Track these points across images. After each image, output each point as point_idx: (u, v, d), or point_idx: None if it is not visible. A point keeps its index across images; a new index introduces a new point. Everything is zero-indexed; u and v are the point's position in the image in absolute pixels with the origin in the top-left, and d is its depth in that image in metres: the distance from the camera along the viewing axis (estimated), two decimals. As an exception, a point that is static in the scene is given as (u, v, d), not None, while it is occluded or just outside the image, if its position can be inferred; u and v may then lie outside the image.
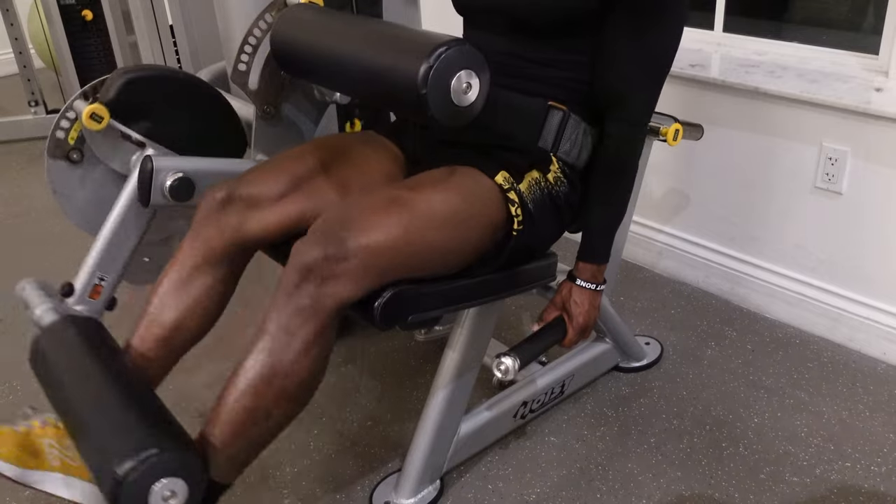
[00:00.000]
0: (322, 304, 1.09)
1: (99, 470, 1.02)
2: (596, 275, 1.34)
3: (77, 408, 1.11)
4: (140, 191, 1.41)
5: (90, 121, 1.39)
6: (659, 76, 1.30)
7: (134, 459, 0.98)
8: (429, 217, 1.16)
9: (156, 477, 0.99)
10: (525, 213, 1.25)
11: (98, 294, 1.46)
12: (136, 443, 1.01)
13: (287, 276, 1.10)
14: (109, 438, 1.04)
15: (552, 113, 1.28)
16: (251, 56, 1.42)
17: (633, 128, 1.30)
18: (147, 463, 0.98)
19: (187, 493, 1.02)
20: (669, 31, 1.27)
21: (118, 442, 1.02)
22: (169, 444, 1.02)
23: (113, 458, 0.99)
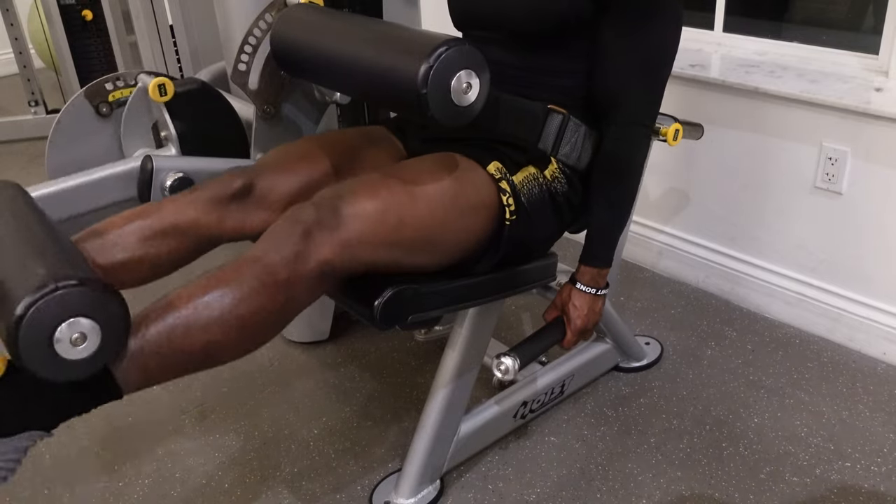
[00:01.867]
0: (304, 257, 1.07)
1: (4, 298, 0.87)
2: (596, 279, 1.34)
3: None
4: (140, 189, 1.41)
5: (155, 89, 1.42)
6: (655, 76, 1.29)
7: (40, 291, 0.84)
8: (418, 191, 1.16)
9: (64, 314, 0.85)
10: (518, 205, 1.24)
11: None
12: (46, 274, 0.86)
13: (276, 226, 1.09)
14: (14, 274, 0.89)
15: (552, 116, 1.28)
16: (251, 56, 1.42)
17: (630, 128, 1.29)
18: (54, 295, 0.84)
19: (100, 339, 0.88)
20: (663, 30, 1.27)
21: (24, 276, 0.87)
22: (86, 280, 0.87)
23: (15, 293, 0.85)
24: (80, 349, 0.87)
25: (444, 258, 1.23)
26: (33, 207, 1.11)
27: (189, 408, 1.72)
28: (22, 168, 3.17)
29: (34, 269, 0.88)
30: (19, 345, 0.84)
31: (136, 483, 1.53)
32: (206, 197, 1.25)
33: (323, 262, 1.08)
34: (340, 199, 1.12)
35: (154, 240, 1.20)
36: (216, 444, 1.63)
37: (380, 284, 1.18)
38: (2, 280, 0.90)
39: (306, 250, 1.07)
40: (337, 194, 1.13)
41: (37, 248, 0.94)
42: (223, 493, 1.50)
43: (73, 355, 0.87)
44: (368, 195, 1.13)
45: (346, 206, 1.11)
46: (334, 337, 1.96)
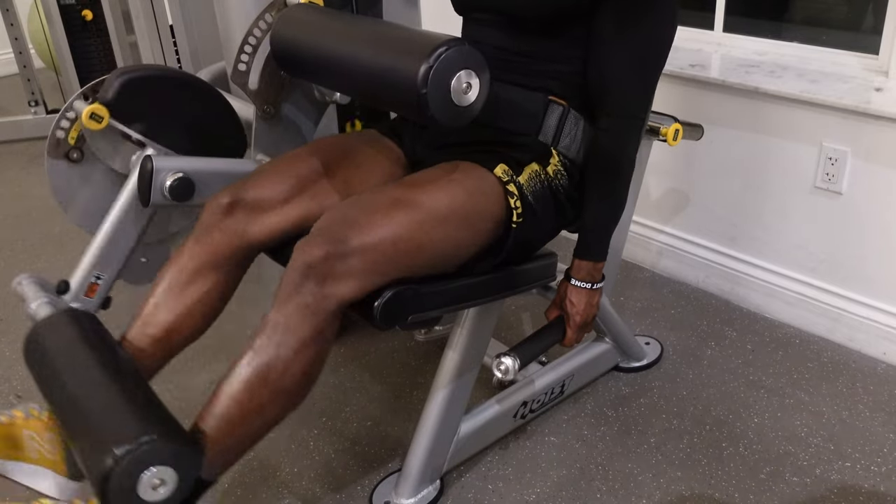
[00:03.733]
0: (323, 303, 1.09)
1: (89, 456, 1.00)
2: (592, 273, 1.34)
3: (70, 396, 1.10)
4: (140, 191, 1.41)
5: (90, 121, 1.39)
6: (650, 68, 1.29)
7: (128, 445, 0.96)
8: (431, 215, 1.16)
9: (146, 464, 0.98)
10: (525, 206, 1.25)
11: (94, 292, 1.47)
12: (131, 430, 0.99)
13: (289, 275, 1.10)
14: (103, 425, 1.02)
15: (552, 107, 1.28)
16: (251, 56, 1.42)
17: (622, 120, 1.29)
18: (140, 450, 0.97)
19: (177, 482, 1.00)
20: (659, 22, 1.27)
21: (112, 428, 1.00)
22: (162, 433, 1.01)
23: (105, 444, 0.97)
24: (160, 492, 1.00)
25: (452, 266, 1.24)
26: (98, 336, 1.23)
27: (189, 408, 1.72)
28: (22, 168, 3.17)
29: (120, 419, 1.02)
30: (109, 495, 0.97)
31: (136, 483, 1.53)
32: (203, 226, 1.29)
33: (341, 301, 1.11)
34: (351, 229, 1.10)
35: (186, 292, 1.28)
36: (216, 444, 1.62)
37: (380, 284, 1.18)
38: (88, 428, 1.03)
39: (323, 296, 1.09)
40: (346, 221, 1.12)
41: (112, 393, 1.08)
42: (223, 493, 1.50)
43: (153, 497, 0.99)
44: (381, 221, 1.12)
45: (357, 235, 1.10)
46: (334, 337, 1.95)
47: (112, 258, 1.46)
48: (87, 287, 1.46)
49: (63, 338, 1.22)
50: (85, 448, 1.03)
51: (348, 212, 1.14)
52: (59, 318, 1.28)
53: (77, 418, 1.06)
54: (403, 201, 1.16)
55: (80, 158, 1.53)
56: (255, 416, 1.11)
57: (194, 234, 1.29)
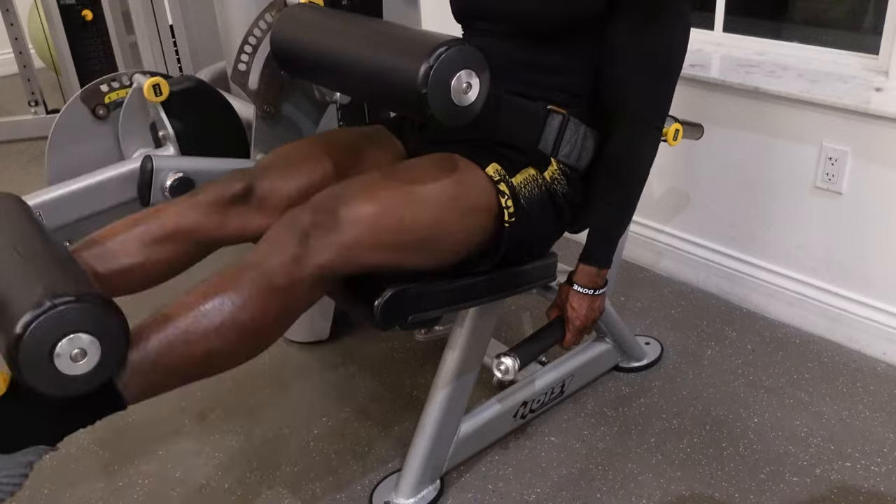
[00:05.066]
0: (302, 262, 1.07)
1: (1, 324, 0.88)
2: (595, 279, 1.33)
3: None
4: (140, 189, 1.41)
5: (150, 90, 1.42)
6: (664, 75, 1.29)
7: (44, 306, 0.84)
8: (414, 194, 1.16)
9: (64, 330, 0.85)
10: (517, 206, 1.24)
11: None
12: (44, 291, 0.86)
13: (274, 229, 1.10)
14: (18, 288, 0.89)
15: (552, 117, 1.28)
16: (251, 56, 1.42)
17: (639, 129, 1.29)
18: (53, 312, 0.84)
19: (100, 354, 0.88)
20: (672, 29, 1.27)
21: (28, 290, 0.87)
22: (86, 297, 0.87)
23: (19, 306, 0.85)
24: (81, 364, 0.88)
25: (443, 259, 1.22)
26: (31, 219, 1.11)
27: (189, 408, 1.72)
28: (22, 168, 3.17)
29: (33, 285, 0.88)
30: (20, 362, 0.85)
31: (136, 483, 1.53)
32: (206, 201, 1.24)
33: (321, 265, 1.08)
34: (338, 202, 1.11)
35: (155, 245, 1.20)
36: (216, 444, 1.63)
37: (380, 284, 1.18)
38: (1, 297, 0.90)
39: (304, 255, 1.07)
40: (334, 196, 1.12)
41: (34, 263, 0.95)
42: (223, 493, 1.50)
43: (73, 371, 0.87)
44: (367, 198, 1.13)
45: (343, 208, 1.10)
46: (334, 337, 1.95)
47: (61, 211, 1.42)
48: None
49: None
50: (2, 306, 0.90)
51: (337, 189, 1.14)
52: None
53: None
54: (387, 182, 1.16)
55: (104, 116, 1.54)
56: (200, 339, 1.01)
57: (191, 200, 1.24)
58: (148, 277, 1.22)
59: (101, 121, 1.55)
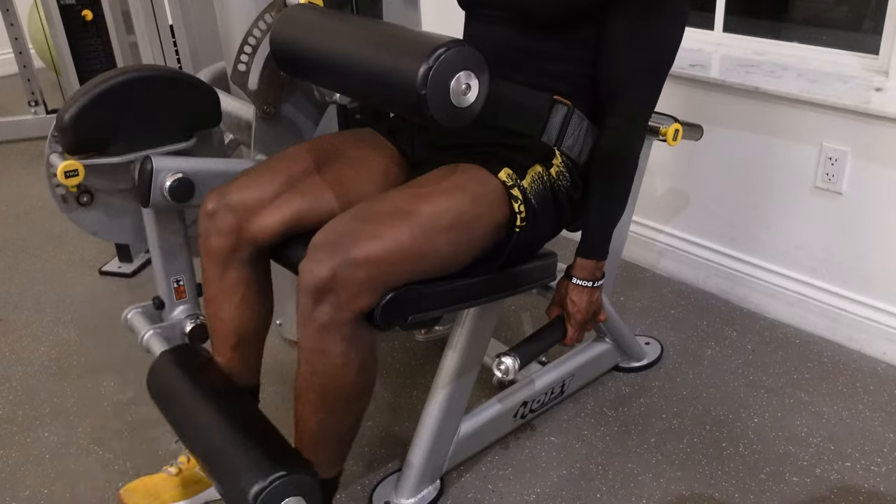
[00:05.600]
0: (341, 318, 1.11)
1: (231, 495, 1.14)
2: (594, 272, 1.34)
3: (203, 440, 1.23)
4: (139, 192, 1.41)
5: (68, 180, 1.35)
6: (659, 69, 1.29)
7: (262, 482, 1.09)
8: (435, 224, 1.15)
9: (281, 497, 1.11)
10: (528, 210, 1.24)
11: (183, 293, 1.53)
12: (262, 469, 1.11)
13: (302, 299, 1.12)
14: (235, 467, 1.14)
15: (557, 108, 1.28)
16: (251, 56, 1.42)
17: (631, 122, 1.29)
18: (272, 487, 1.09)
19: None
20: (670, 23, 1.27)
21: (244, 469, 1.13)
22: (290, 467, 1.13)
23: (241, 486, 1.10)
24: None
25: (455, 269, 1.24)
26: (212, 371, 1.37)
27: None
28: (22, 168, 3.17)
29: (250, 459, 1.15)
30: None
31: (137, 483, 1.53)
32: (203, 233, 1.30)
33: (357, 311, 1.12)
34: (352, 243, 1.09)
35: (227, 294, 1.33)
36: (216, 444, 1.63)
37: (380, 285, 1.18)
38: (223, 470, 1.16)
39: (339, 314, 1.11)
40: (345, 235, 1.11)
41: (242, 429, 1.22)
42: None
43: None
44: (387, 233, 1.12)
45: (358, 249, 1.09)
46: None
47: (175, 259, 1.50)
48: (175, 291, 1.52)
49: (180, 378, 1.35)
50: (224, 488, 1.17)
51: (349, 225, 1.13)
52: (169, 357, 1.40)
53: (212, 461, 1.19)
54: (406, 211, 1.15)
55: (92, 199, 1.50)
56: (337, 425, 1.22)
57: (200, 243, 1.32)
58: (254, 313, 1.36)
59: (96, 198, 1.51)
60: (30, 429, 1.69)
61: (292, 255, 1.28)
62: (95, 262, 2.37)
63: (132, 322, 1.53)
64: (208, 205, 1.29)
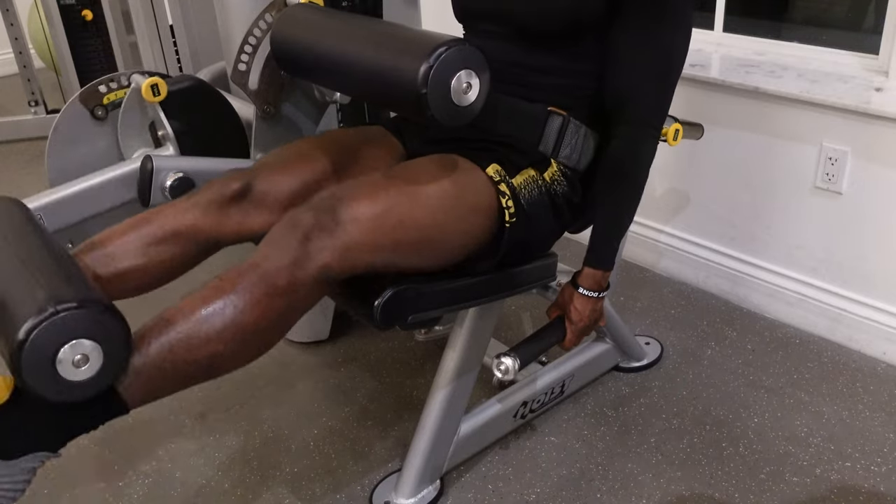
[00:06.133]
0: (303, 263, 1.06)
1: (3, 330, 0.88)
2: (600, 282, 1.33)
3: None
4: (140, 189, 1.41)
5: (148, 89, 1.42)
6: (665, 77, 1.28)
7: (40, 314, 0.84)
8: (417, 194, 1.15)
9: (66, 336, 0.85)
10: (518, 207, 1.24)
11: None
12: (46, 297, 0.86)
13: (276, 230, 1.09)
14: (21, 294, 0.89)
15: (552, 118, 1.28)
16: (251, 56, 1.42)
17: (638, 129, 1.28)
18: (55, 318, 0.84)
19: (102, 360, 0.89)
20: (675, 31, 1.27)
21: (30, 296, 0.88)
22: (88, 302, 0.88)
23: (21, 312, 0.85)
24: (83, 370, 0.88)
25: (443, 260, 1.22)
26: (32, 223, 1.11)
27: (189, 408, 1.72)
28: (22, 168, 3.17)
29: (34, 291, 0.89)
30: (22, 369, 0.85)
31: (136, 483, 1.53)
32: (204, 201, 1.24)
33: (322, 266, 1.07)
34: (339, 203, 1.11)
35: (156, 247, 1.21)
36: (216, 444, 1.63)
37: (380, 284, 1.18)
38: (2, 302, 0.91)
39: (305, 256, 1.06)
40: (335, 197, 1.12)
41: (36, 268, 0.95)
42: (223, 494, 1.50)
43: (76, 377, 0.87)
44: (367, 198, 1.12)
45: (344, 209, 1.10)
46: (334, 337, 1.96)
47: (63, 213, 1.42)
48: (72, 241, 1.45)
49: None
50: (3, 313, 0.90)
51: (339, 190, 1.14)
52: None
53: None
54: (388, 183, 1.16)
55: (103, 117, 1.53)
56: (203, 344, 1.01)
57: (189, 200, 1.24)
58: (149, 279, 1.22)
59: (101, 122, 1.54)
60: (29, 429, 1.69)
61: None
62: (95, 262, 2.37)
63: None
64: (234, 184, 1.24)
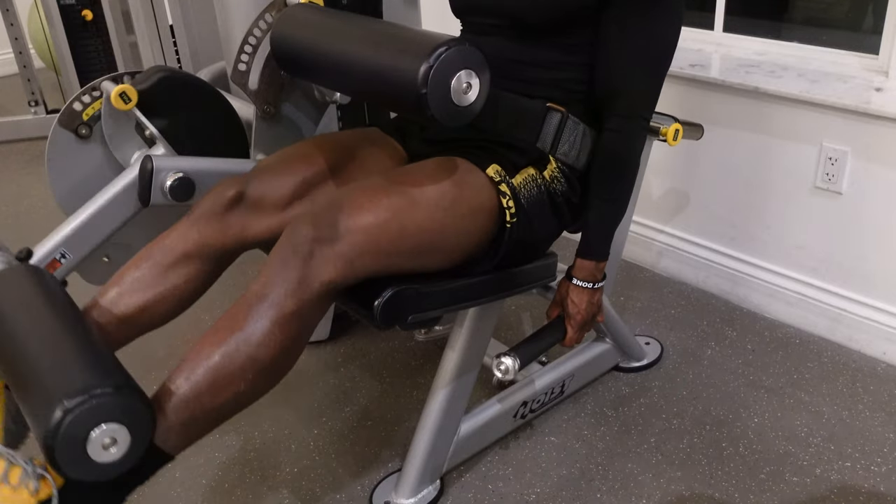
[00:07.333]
0: (308, 281, 1.07)
1: (37, 412, 0.91)
2: (594, 273, 1.34)
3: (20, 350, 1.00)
4: (140, 190, 1.41)
5: (118, 99, 1.38)
6: (656, 70, 1.29)
7: (79, 397, 0.88)
8: (415, 199, 1.15)
9: (98, 419, 0.89)
10: (518, 207, 1.24)
11: (54, 269, 1.41)
12: (83, 381, 0.91)
13: (276, 251, 1.09)
14: (53, 377, 0.93)
15: (550, 114, 1.28)
16: (251, 56, 1.42)
17: (630, 122, 1.29)
18: (91, 402, 0.88)
19: (129, 443, 0.93)
20: (665, 23, 1.27)
21: (63, 380, 0.92)
22: (117, 387, 0.92)
23: (54, 397, 0.89)
24: (112, 452, 0.92)
25: (444, 261, 1.23)
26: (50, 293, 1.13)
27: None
28: (22, 168, 3.17)
29: (67, 373, 0.93)
30: (55, 453, 0.89)
31: (136, 483, 1.53)
32: (203, 214, 1.25)
33: (327, 282, 1.08)
34: (339, 212, 1.10)
35: (168, 273, 1.23)
36: (216, 444, 1.63)
37: (380, 284, 1.18)
38: (34, 381, 0.94)
39: (309, 274, 1.07)
40: (334, 205, 1.12)
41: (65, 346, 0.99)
42: (223, 493, 1.50)
43: (105, 458, 0.92)
44: (368, 205, 1.12)
45: (344, 218, 1.10)
46: (334, 337, 1.96)
47: (85, 240, 1.42)
48: (50, 262, 1.40)
49: (17, 292, 1.12)
50: (33, 403, 0.94)
51: (338, 198, 1.14)
52: (13, 272, 1.17)
53: (26, 372, 0.97)
54: (388, 188, 1.16)
55: (88, 135, 1.50)
56: (226, 387, 1.05)
57: (190, 218, 1.25)
58: (170, 306, 1.25)
59: (88, 139, 1.52)
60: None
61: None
62: (95, 262, 2.37)
63: None
64: (228, 191, 1.25)
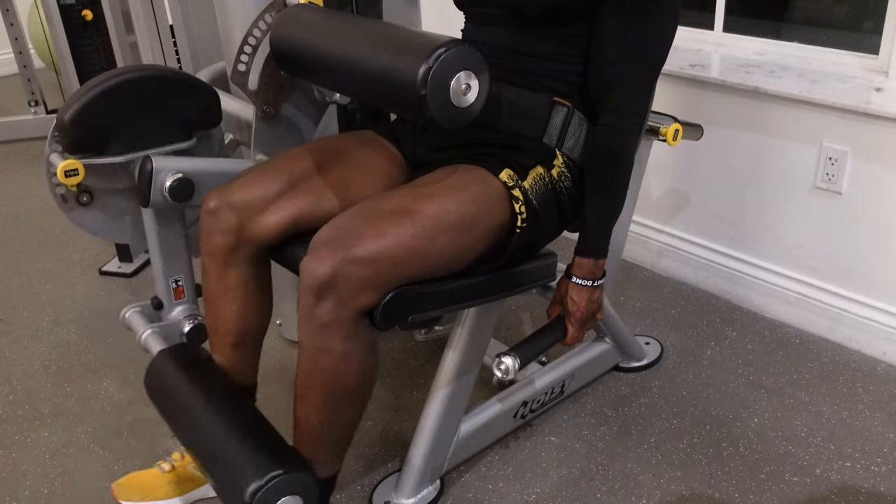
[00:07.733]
0: (342, 316, 1.11)
1: (226, 495, 1.16)
2: (593, 270, 1.33)
3: (201, 438, 1.23)
4: (140, 191, 1.41)
5: (68, 179, 1.34)
6: (651, 66, 1.29)
7: (259, 481, 1.10)
8: (437, 225, 1.16)
9: (276, 497, 1.11)
10: (529, 211, 1.25)
11: (181, 293, 1.53)
12: (260, 468, 1.12)
13: (303, 298, 1.12)
14: (234, 464, 1.15)
15: (557, 109, 1.28)
16: (251, 56, 1.42)
17: (624, 118, 1.28)
18: (271, 483, 1.10)
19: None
20: (663, 19, 1.27)
21: (242, 467, 1.13)
22: (288, 466, 1.13)
23: (239, 483, 1.11)
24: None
25: (454, 270, 1.24)
26: (212, 371, 1.37)
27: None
28: (22, 168, 3.17)
29: (248, 458, 1.15)
30: None
31: (137, 483, 1.53)
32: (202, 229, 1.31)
33: (358, 309, 1.12)
34: (353, 241, 1.10)
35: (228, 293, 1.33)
36: (216, 444, 1.63)
37: (380, 285, 1.18)
38: (221, 467, 1.16)
39: (340, 313, 1.11)
40: (347, 233, 1.11)
41: (241, 427, 1.22)
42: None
43: None
44: (384, 233, 1.12)
45: (360, 247, 1.09)
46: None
47: (175, 259, 1.51)
48: (174, 292, 1.52)
49: (178, 376, 1.36)
50: (220, 486, 1.18)
51: (352, 222, 1.13)
52: (167, 356, 1.41)
53: (209, 458, 1.20)
54: (409, 210, 1.15)
55: (92, 199, 1.51)
56: (337, 424, 1.23)
57: (201, 242, 1.32)
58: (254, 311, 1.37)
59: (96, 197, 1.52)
60: (30, 429, 1.69)
61: (293, 255, 1.28)
62: (95, 262, 2.37)
63: (130, 321, 1.53)
64: (210, 203, 1.29)
